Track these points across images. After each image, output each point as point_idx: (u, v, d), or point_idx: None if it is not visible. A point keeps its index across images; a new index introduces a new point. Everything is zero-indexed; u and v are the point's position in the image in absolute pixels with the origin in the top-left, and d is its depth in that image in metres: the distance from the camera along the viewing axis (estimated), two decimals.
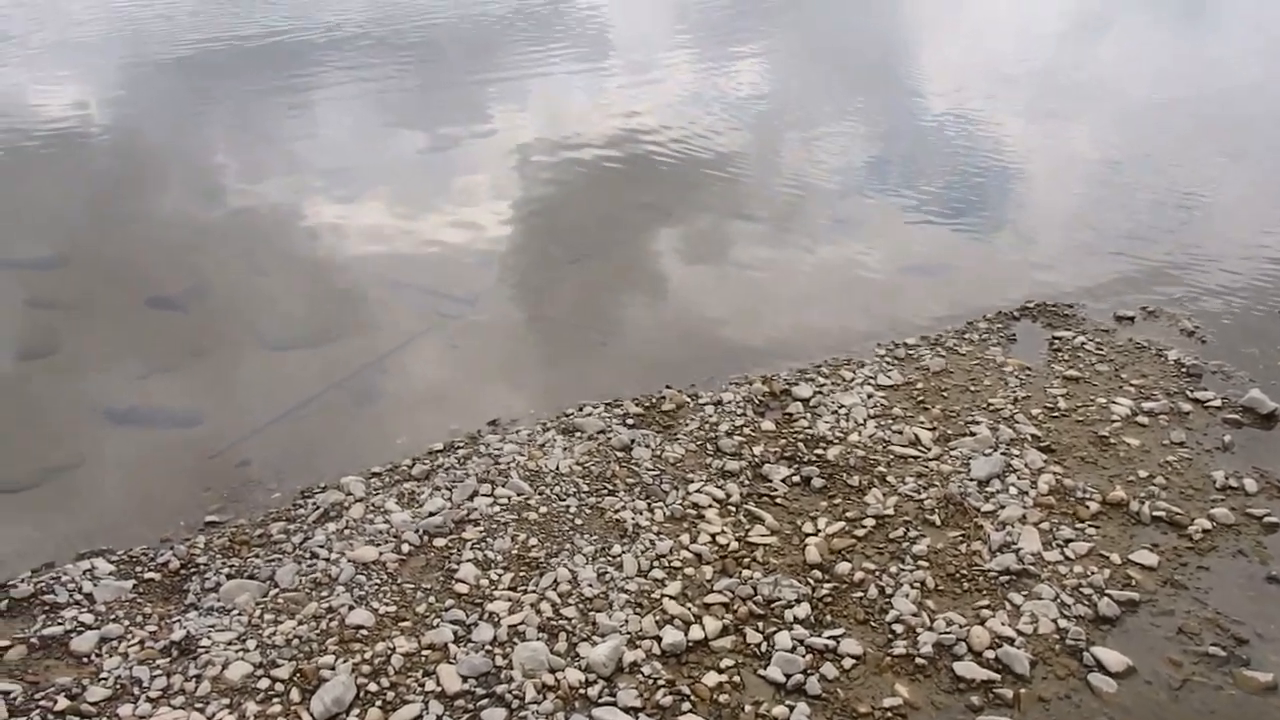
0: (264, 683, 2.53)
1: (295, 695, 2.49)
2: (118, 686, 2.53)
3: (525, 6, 10.61)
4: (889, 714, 2.49)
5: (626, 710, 2.46)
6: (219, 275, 4.89)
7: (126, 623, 2.75)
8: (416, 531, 3.08)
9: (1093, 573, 2.94)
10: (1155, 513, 3.19)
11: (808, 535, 3.12)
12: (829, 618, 2.78)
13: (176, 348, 4.22)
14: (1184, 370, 4.02)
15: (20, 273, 4.91)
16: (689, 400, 3.83)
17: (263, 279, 4.90)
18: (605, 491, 3.29)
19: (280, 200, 5.87)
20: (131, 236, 5.40)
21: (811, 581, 2.91)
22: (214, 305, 4.62)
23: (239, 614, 2.78)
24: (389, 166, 6.45)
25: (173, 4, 11.19)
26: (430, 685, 2.52)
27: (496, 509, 3.19)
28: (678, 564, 2.96)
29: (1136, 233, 5.40)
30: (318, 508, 3.23)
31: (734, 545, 3.05)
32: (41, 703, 2.45)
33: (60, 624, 2.73)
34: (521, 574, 2.91)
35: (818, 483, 3.36)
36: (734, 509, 3.23)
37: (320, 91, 8.03)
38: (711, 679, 2.57)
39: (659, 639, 2.68)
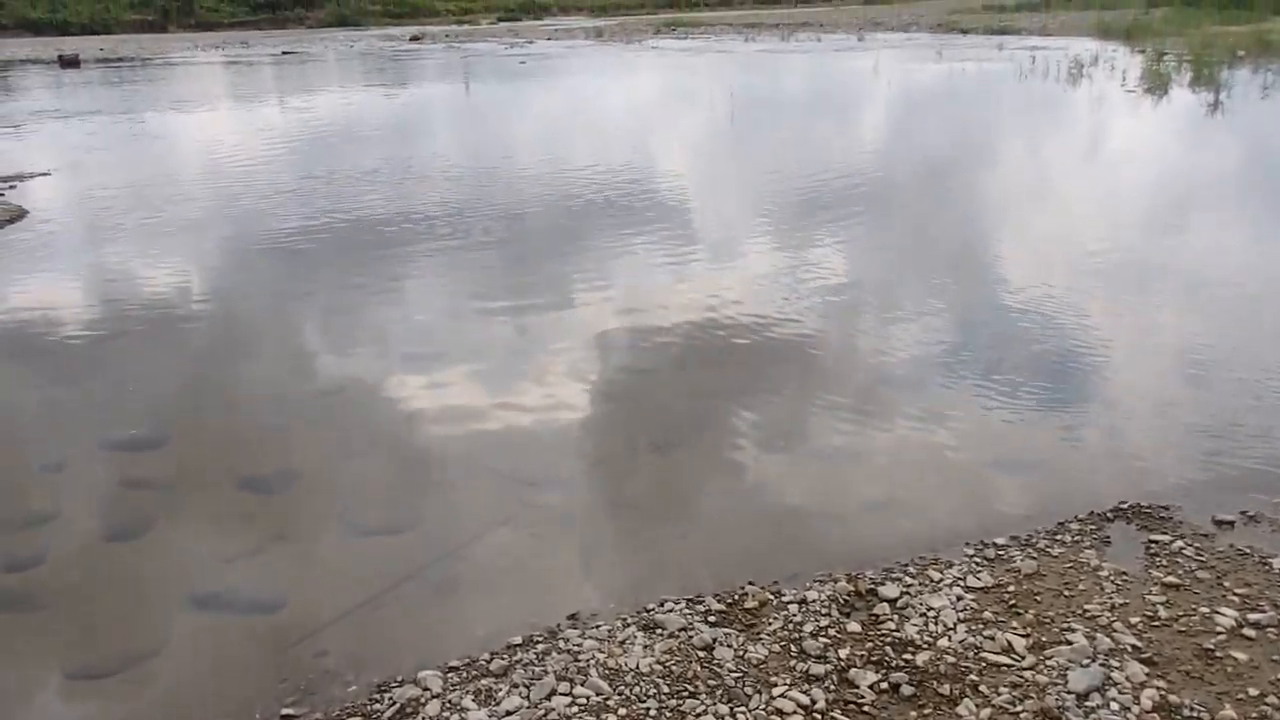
0: None
1: None
2: None
3: (611, 194, 11.01)
4: None
5: None
6: (307, 458, 5.00)
7: None
8: None
9: None
10: None
11: None
12: None
13: (263, 531, 4.29)
14: None
15: (117, 454, 5.08)
16: (772, 598, 3.75)
17: (349, 462, 4.99)
18: (686, 694, 3.20)
19: (368, 381, 6.04)
20: (227, 417, 5.58)
21: None
22: (301, 488, 4.71)
23: None
24: (474, 347, 6.61)
25: (273, 184, 11.87)
26: None
27: (575, 709, 3.12)
28: None
29: (1229, 429, 5.26)
30: (394, 703, 3.18)
31: None
32: None
33: None
34: None
35: (907, 690, 3.23)
36: (819, 716, 3.11)
37: (411, 273, 8.36)
38: None
39: None
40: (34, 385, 6.14)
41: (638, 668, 3.33)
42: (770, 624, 3.60)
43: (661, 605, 3.71)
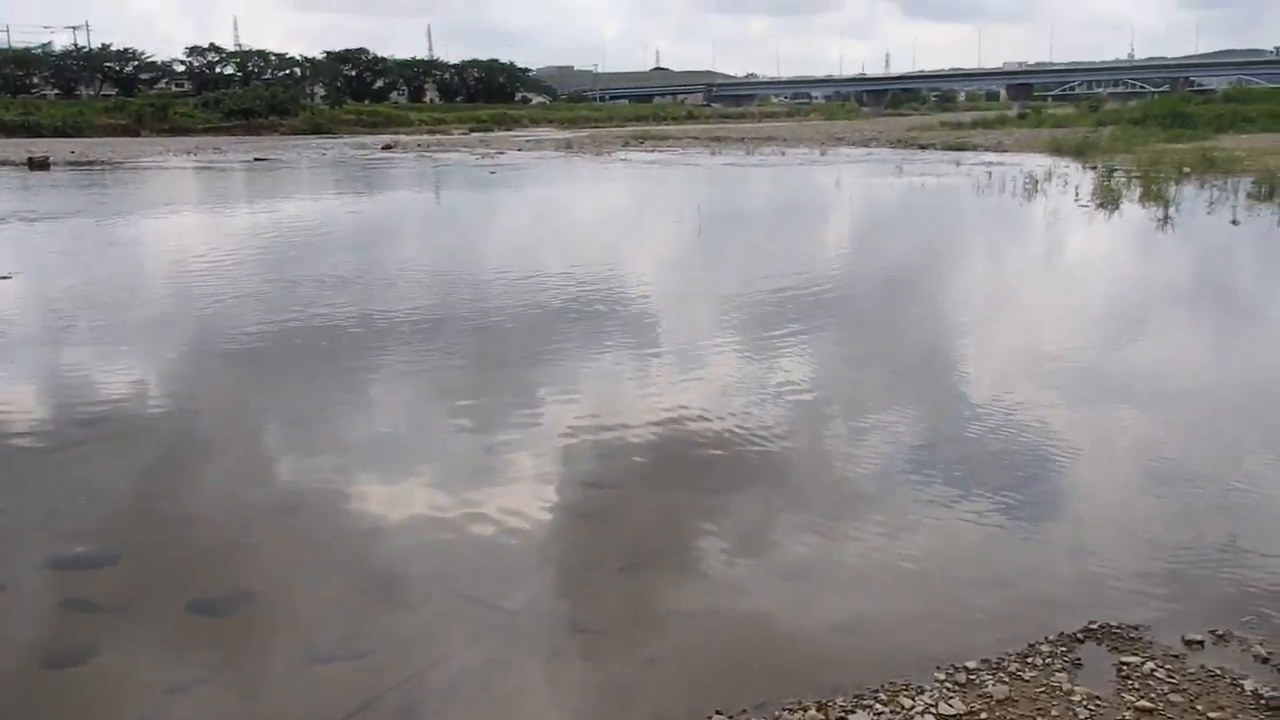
0: None
1: None
2: None
3: (579, 303, 11.06)
4: None
5: None
6: (263, 577, 4.86)
7: None
8: None
9: None
10: None
11: None
12: None
13: (213, 657, 4.13)
14: (1263, 702, 3.79)
15: (62, 572, 4.92)
16: None
17: (306, 582, 4.86)
18: None
19: (329, 495, 5.92)
20: (180, 533, 5.43)
21: None
22: (255, 610, 4.56)
23: None
24: (439, 460, 6.52)
25: (237, 289, 11.83)
26: None
27: None
28: None
29: (1195, 542, 5.25)
30: None
31: None
32: None
33: None
34: None
35: None
36: None
37: (376, 381, 8.29)
38: None
39: None
40: None
41: None
42: None
43: None
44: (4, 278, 12.83)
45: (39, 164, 34.74)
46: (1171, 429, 6.98)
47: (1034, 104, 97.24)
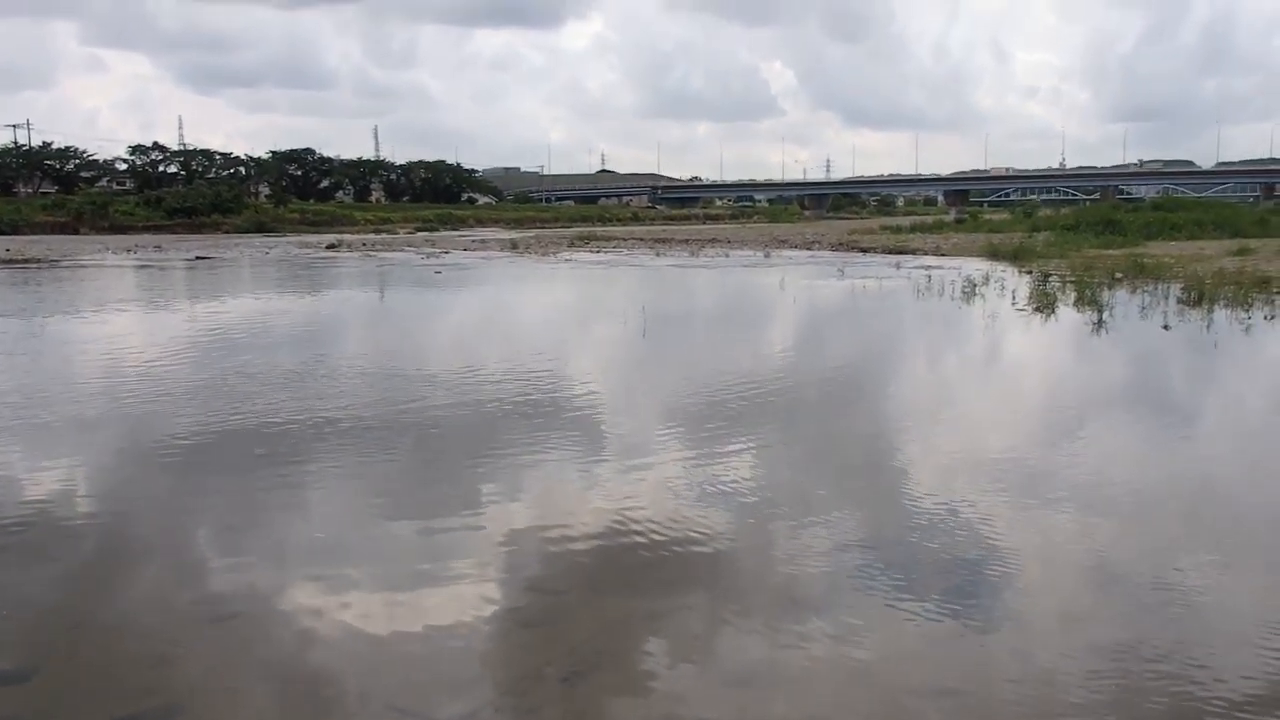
0: None
1: None
2: None
3: (522, 403, 11.00)
4: None
5: None
6: (193, 692, 4.67)
7: None
8: None
9: None
10: None
11: None
12: None
13: None
14: None
15: None
16: None
17: (238, 697, 4.67)
18: None
19: (263, 604, 5.75)
20: (106, 645, 5.23)
21: None
22: None
23: None
24: (376, 567, 6.36)
25: (172, 387, 11.61)
26: None
27: None
28: None
29: (1140, 645, 5.25)
30: None
31: None
32: None
33: None
34: None
35: None
36: None
37: (313, 482, 8.12)
38: None
39: None
40: None
41: None
42: None
43: None
44: None
45: None
46: (1112, 530, 7.04)
47: (971, 209, 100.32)
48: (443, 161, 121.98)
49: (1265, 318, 16.63)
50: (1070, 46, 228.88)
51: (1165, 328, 15.99)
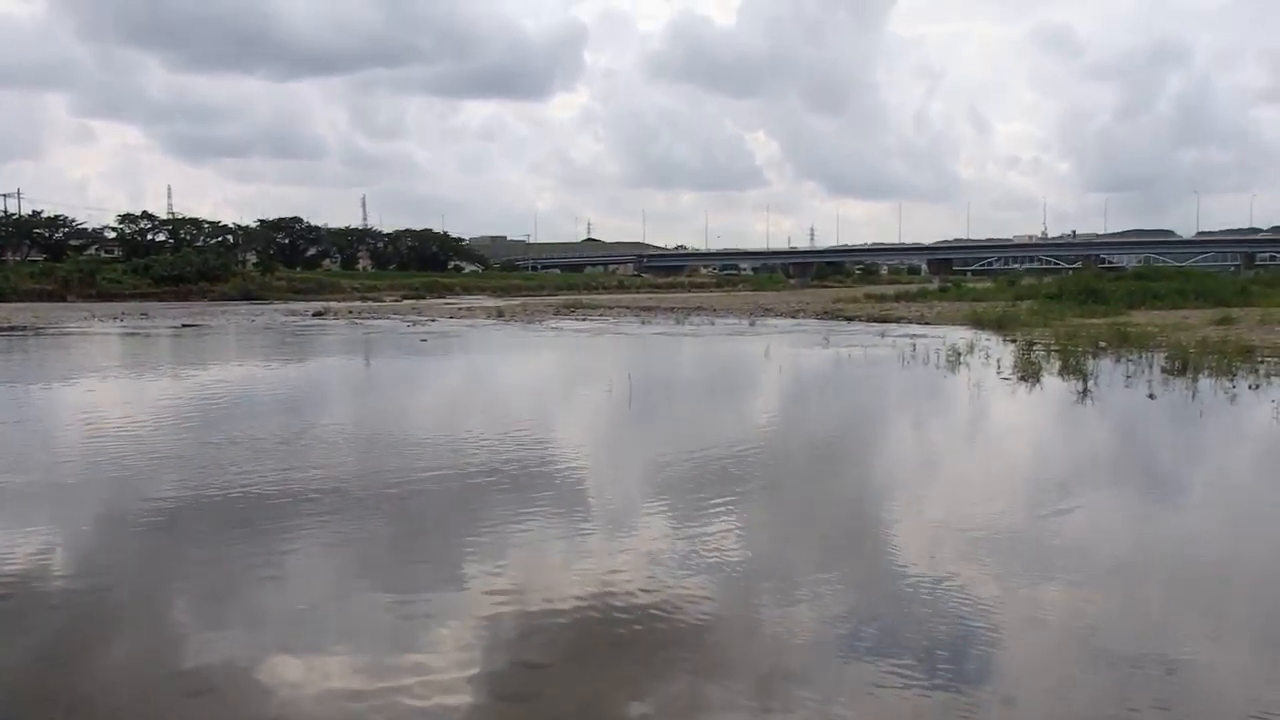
0: None
1: None
2: None
3: (506, 471, 10.92)
4: None
5: None
6: None
7: None
8: None
9: None
10: None
11: None
12: None
13: None
14: None
15: None
16: None
17: None
18: None
19: (237, 674, 5.65)
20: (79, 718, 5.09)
21: None
22: None
23: None
24: (357, 639, 6.26)
25: (153, 455, 11.51)
26: None
27: None
28: None
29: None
30: None
31: None
32: None
33: None
34: None
35: None
36: None
37: (294, 551, 8.02)
38: None
39: None
40: None
41: None
42: None
43: None
44: None
45: None
46: (1099, 604, 6.98)
47: (954, 278, 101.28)
48: (430, 230, 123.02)
49: (1250, 387, 16.70)
50: (1049, 118, 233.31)
51: (1151, 396, 16.04)
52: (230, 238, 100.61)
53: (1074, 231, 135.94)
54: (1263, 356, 20.12)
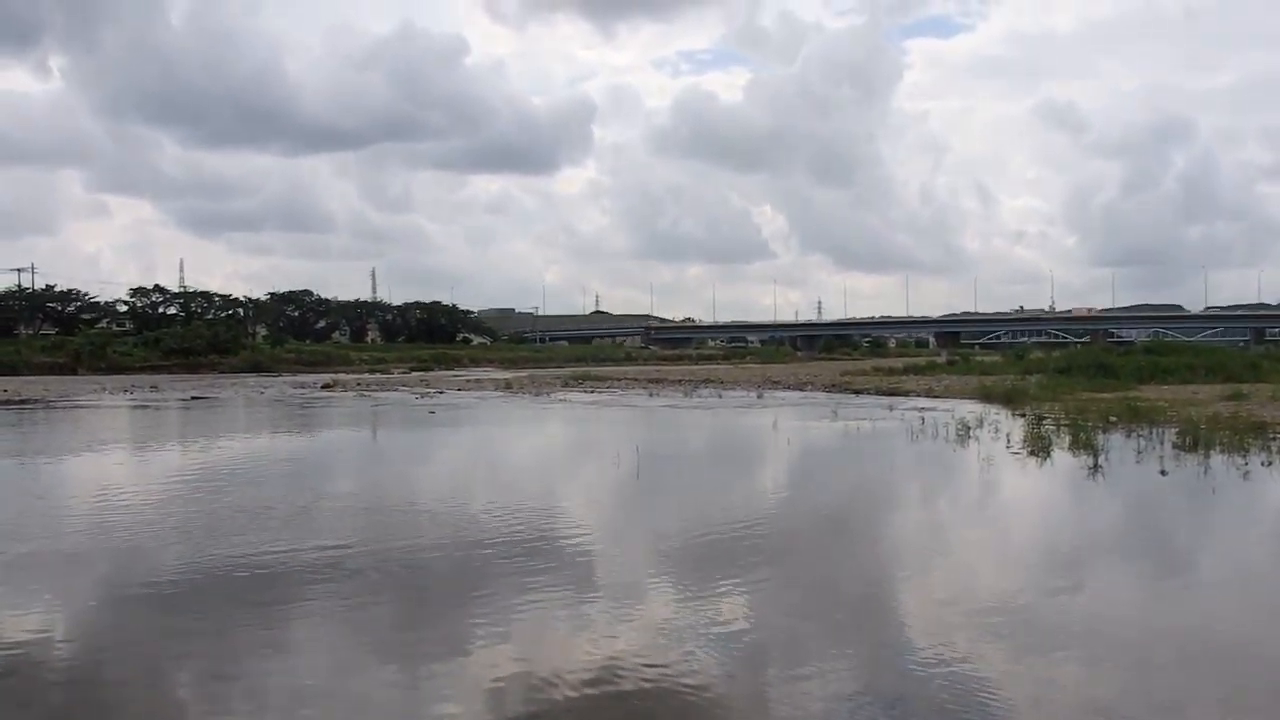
0: None
1: None
2: None
3: (513, 544, 10.87)
4: None
5: None
6: None
7: None
8: None
9: None
10: None
11: None
12: None
13: None
14: None
15: None
16: None
17: None
18: None
19: None
20: None
21: None
22: None
23: None
24: (362, 714, 6.19)
25: (159, 528, 11.47)
26: None
27: None
28: None
29: None
30: None
31: None
32: None
33: None
34: None
35: None
36: None
37: (300, 627, 8.01)
38: None
39: None
40: None
41: None
42: None
43: None
44: None
45: None
46: (1109, 685, 6.87)
47: (962, 351, 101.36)
48: (438, 302, 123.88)
49: (1262, 463, 16.57)
50: (1054, 193, 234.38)
51: (1162, 473, 15.92)
52: (241, 310, 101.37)
53: (1089, 309, 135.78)
54: (1274, 433, 19.98)
